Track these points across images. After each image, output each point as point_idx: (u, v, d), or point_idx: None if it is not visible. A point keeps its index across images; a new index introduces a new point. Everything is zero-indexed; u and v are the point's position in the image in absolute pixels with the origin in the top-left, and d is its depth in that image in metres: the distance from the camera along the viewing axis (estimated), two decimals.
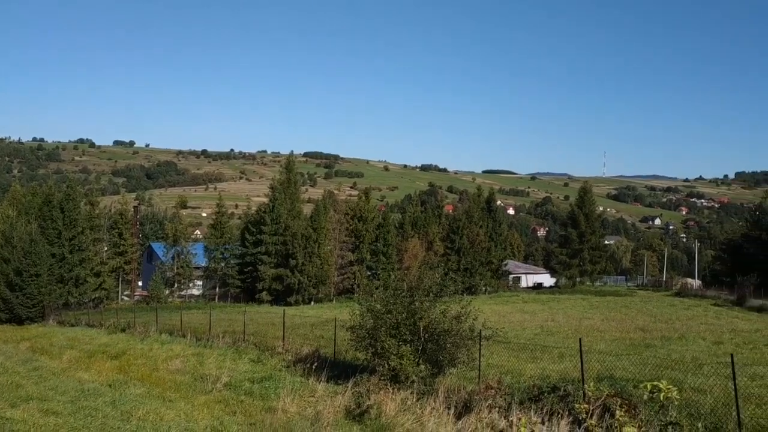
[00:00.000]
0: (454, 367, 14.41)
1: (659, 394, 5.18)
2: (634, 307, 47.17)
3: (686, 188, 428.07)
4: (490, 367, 17.14)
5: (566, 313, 42.38)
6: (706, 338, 27.02)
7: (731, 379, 10.32)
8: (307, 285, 61.33)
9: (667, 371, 16.55)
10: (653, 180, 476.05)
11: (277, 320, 26.97)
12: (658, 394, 5.19)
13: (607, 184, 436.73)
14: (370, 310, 14.70)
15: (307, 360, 18.38)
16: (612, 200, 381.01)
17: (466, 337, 14.18)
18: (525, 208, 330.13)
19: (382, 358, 13.89)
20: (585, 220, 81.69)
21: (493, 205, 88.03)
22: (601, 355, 18.68)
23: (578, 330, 29.68)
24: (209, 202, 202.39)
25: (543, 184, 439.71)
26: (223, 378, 16.56)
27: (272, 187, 69.94)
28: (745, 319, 38.33)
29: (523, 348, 21.22)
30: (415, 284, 15.13)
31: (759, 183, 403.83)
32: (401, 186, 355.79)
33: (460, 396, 11.65)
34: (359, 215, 69.46)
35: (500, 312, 42.22)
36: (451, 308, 14.56)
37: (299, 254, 60.83)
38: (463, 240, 74.06)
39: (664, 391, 4.99)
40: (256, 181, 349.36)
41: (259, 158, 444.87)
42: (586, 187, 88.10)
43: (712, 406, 12.11)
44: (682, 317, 38.91)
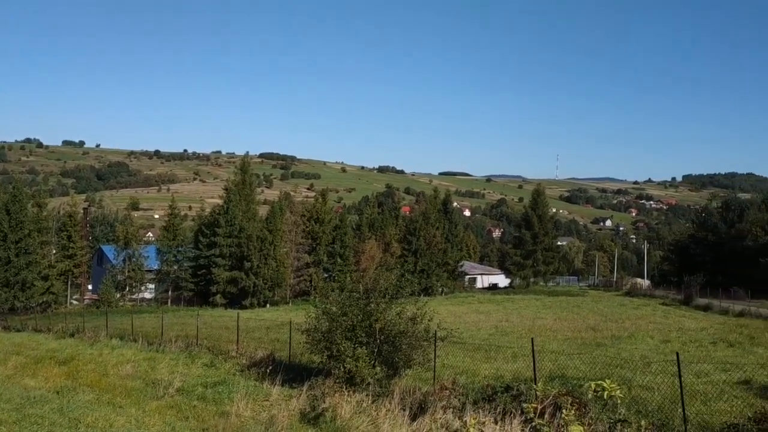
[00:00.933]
0: (409, 369, 14.46)
1: (603, 392, 5.29)
2: (585, 307, 48.15)
3: (636, 190, 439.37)
4: (445, 367, 17.28)
5: (520, 313, 43.02)
6: (654, 337, 27.75)
7: (677, 376, 10.61)
8: (262, 288, 60.73)
9: (616, 370, 16.97)
10: (604, 182, 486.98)
11: (232, 324, 26.64)
12: (603, 393, 5.30)
13: (560, 186, 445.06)
14: (325, 312, 14.64)
15: (261, 364, 18.19)
16: (565, 202, 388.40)
17: (421, 338, 14.24)
18: (481, 209, 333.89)
19: (338, 360, 13.84)
20: (538, 222, 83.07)
21: (450, 207, 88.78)
22: (554, 354, 19.01)
23: (532, 330, 30.16)
24: (162, 204, 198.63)
25: (498, 186, 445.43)
26: (176, 383, 16.26)
27: (227, 188, 69.06)
28: (692, 318, 39.50)
29: (478, 348, 21.45)
30: (371, 286, 15.12)
31: (705, 185, 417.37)
32: (358, 187, 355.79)
33: (415, 397, 11.70)
34: (316, 217, 69.17)
35: (456, 313, 42.59)
36: (406, 309, 14.60)
37: (254, 256, 60.22)
38: (420, 241, 74.48)
39: (608, 390, 5.10)
40: (211, 182, 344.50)
41: (214, 159, 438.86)
42: (540, 189, 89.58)
43: (660, 403, 12.44)
44: (631, 316, 39.88)
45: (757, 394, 14.61)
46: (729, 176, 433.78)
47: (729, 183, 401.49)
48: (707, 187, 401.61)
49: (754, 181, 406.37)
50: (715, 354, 22.16)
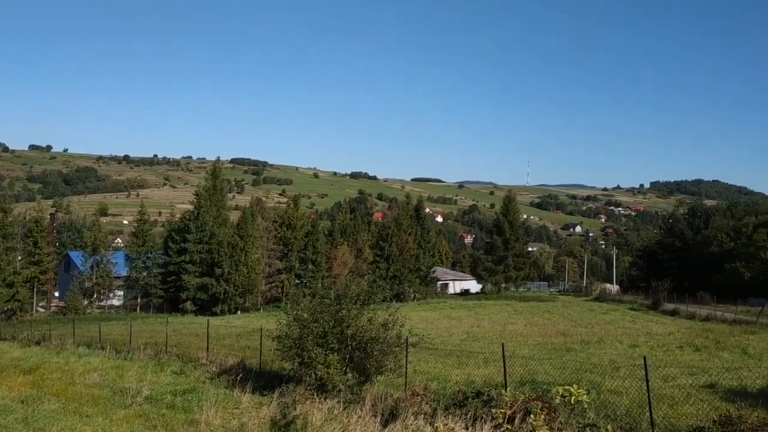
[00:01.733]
0: (381, 375, 14.42)
1: (570, 397, 5.36)
2: (556, 312, 48.66)
3: (605, 197, 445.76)
4: (417, 373, 17.30)
5: (492, 318, 43.30)
6: (623, 342, 28.13)
7: (645, 381, 10.76)
8: (233, 294, 60.17)
9: (586, 374, 17.14)
10: (574, 189, 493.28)
11: (202, 331, 26.32)
12: (570, 398, 5.37)
13: (531, 192, 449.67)
14: (296, 319, 14.55)
15: (232, 371, 18.01)
16: (535, 208, 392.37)
17: (393, 345, 14.22)
18: (453, 215, 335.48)
19: (309, 367, 13.75)
20: (510, 228, 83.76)
21: (422, 213, 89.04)
22: (524, 359, 19.17)
23: (503, 335, 30.36)
24: (131, 210, 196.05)
25: (470, 192, 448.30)
26: (144, 391, 16.01)
27: (197, 194, 68.28)
28: (660, 323, 40.14)
29: (450, 354, 21.53)
30: (343, 292, 15.07)
31: (672, 192, 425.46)
32: (331, 193, 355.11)
33: (387, 403, 11.68)
34: (288, 223, 68.78)
35: (428, 318, 42.71)
36: (378, 316, 14.57)
37: (225, 263, 59.65)
38: (392, 247, 74.54)
39: (575, 395, 5.18)
40: (181, 187, 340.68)
41: (184, 164, 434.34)
42: (511, 195, 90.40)
43: (628, 407, 12.59)
44: (600, 321, 40.41)
45: (722, 397, 14.87)
46: (695, 183, 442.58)
47: (695, 190, 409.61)
48: (674, 194, 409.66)
49: (720, 188, 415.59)
50: (681, 358, 22.55)
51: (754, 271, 67.08)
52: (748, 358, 22.59)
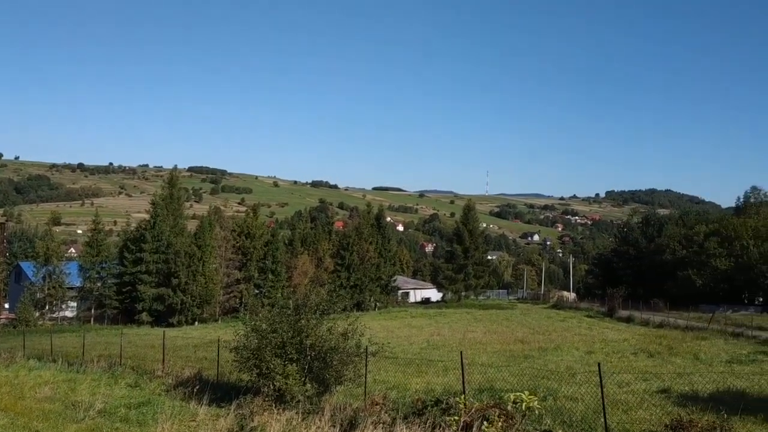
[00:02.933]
0: (340, 385, 14.36)
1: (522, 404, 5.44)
2: (514, 320, 49.22)
3: (562, 206, 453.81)
4: (377, 383, 17.27)
5: (452, 326, 43.54)
6: (579, 348, 28.58)
7: (600, 387, 10.94)
8: (190, 305, 59.22)
9: (543, 381, 17.37)
10: (532, 198, 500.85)
11: (158, 342, 25.86)
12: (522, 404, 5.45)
13: (491, 201, 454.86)
14: (255, 329, 14.40)
15: (188, 383, 17.72)
16: (495, 217, 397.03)
17: (353, 354, 14.18)
18: (413, 224, 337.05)
19: (268, 378, 13.61)
20: (469, 237, 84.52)
21: (383, 222, 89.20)
22: (483, 367, 19.33)
23: (463, 343, 30.56)
24: (85, 219, 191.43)
25: (430, 201, 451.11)
26: (97, 405, 15.61)
27: (154, 202, 67.11)
28: (615, 330, 40.92)
29: (410, 363, 21.58)
30: (302, 302, 14.98)
31: (627, 201, 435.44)
32: (291, 202, 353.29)
33: (346, 413, 11.63)
34: (247, 232, 68.08)
35: (389, 327, 42.72)
36: (338, 325, 14.52)
37: (182, 273, 58.72)
38: (353, 256, 74.43)
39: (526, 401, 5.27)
40: (137, 196, 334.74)
41: (141, 172, 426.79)
42: (470, 204, 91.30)
43: (584, 413, 12.79)
44: (558, 328, 41.00)
45: (675, 402, 15.21)
46: (649, 193, 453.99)
47: (649, 199, 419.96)
48: (629, 203, 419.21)
49: (673, 198, 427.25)
50: (636, 364, 23.01)
51: (705, 278, 69.00)
52: (700, 364, 23.19)
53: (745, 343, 30.53)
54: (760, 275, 63.81)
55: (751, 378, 17.89)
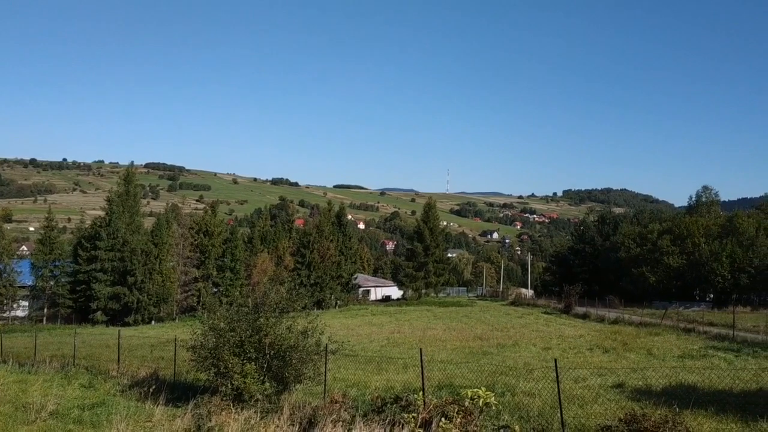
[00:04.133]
0: (300, 383, 14.26)
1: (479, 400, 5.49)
2: (473, 317, 49.63)
3: (521, 204, 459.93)
4: (336, 381, 17.22)
5: (412, 324, 43.68)
6: (536, 344, 28.96)
7: (556, 382, 11.10)
8: (147, 303, 58.17)
9: (501, 377, 17.56)
10: (492, 197, 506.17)
11: (113, 342, 25.31)
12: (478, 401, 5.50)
13: (451, 200, 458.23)
14: (212, 328, 14.19)
15: (144, 383, 17.39)
16: (455, 215, 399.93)
17: (312, 352, 14.08)
18: (375, 222, 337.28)
19: (226, 377, 13.43)
20: (430, 235, 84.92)
21: (344, 220, 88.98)
22: (443, 364, 19.45)
23: (423, 340, 30.69)
24: (38, 216, 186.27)
25: (391, 199, 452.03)
26: (49, 406, 15.19)
27: (109, 199, 65.66)
28: (571, 326, 41.59)
29: (370, 360, 21.57)
30: (261, 300, 14.82)
31: (583, 200, 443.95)
32: (251, 200, 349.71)
33: (305, 412, 11.55)
34: (205, 230, 67.16)
35: (349, 325, 42.66)
36: (298, 323, 14.41)
37: (138, 271, 57.63)
38: (314, 254, 74.06)
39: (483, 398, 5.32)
40: (92, 193, 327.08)
41: (96, 169, 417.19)
42: (431, 202, 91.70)
43: (541, 408, 12.97)
44: (516, 325, 41.49)
45: (629, 396, 15.54)
46: (605, 192, 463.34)
47: (605, 198, 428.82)
48: (585, 201, 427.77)
49: (628, 197, 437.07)
50: (591, 360, 23.42)
51: (658, 275, 70.68)
52: (653, 359, 23.73)
53: (696, 339, 31.35)
54: (711, 272, 65.67)
55: (701, 372, 18.37)
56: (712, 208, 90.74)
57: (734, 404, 13.58)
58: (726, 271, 65.02)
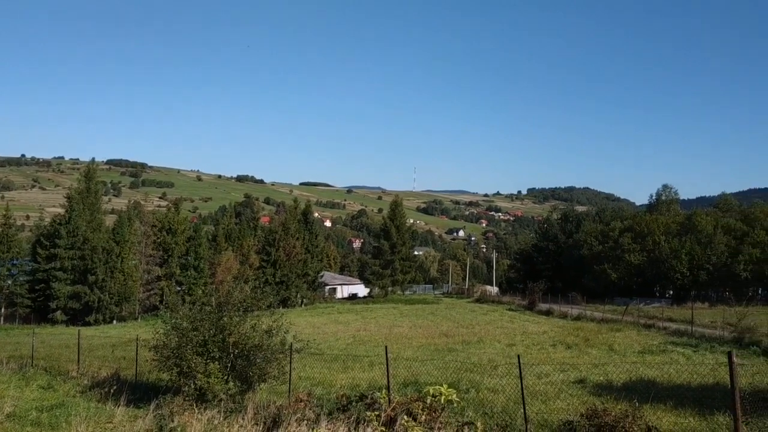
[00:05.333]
0: (264, 383, 14.16)
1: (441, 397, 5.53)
2: (439, 314, 49.89)
3: (486, 202, 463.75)
4: (302, 379, 17.15)
5: (378, 321, 43.71)
6: (501, 341, 29.24)
7: (519, 378, 11.22)
8: (108, 303, 57.13)
9: (466, 374, 17.68)
10: (458, 195, 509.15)
11: (73, 342, 24.79)
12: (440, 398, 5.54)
13: (417, 198, 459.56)
14: (175, 327, 14.01)
15: (105, 384, 17.08)
16: (421, 213, 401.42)
17: (277, 351, 14.00)
18: (341, 220, 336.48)
19: (189, 377, 13.27)
20: (396, 232, 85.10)
21: (310, 218, 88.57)
22: (408, 361, 19.51)
23: (389, 338, 30.73)
24: None
25: (358, 197, 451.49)
26: (6, 408, 14.80)
27: (69, 196, 64.27)
28: (535, 322, 42.08)
29: (336, 359, 21.52)
30: (225, 299, 14.67)
31: (547, 198, 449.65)
32: (215, 197, 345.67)
33: (270, 411, 11.46)
34: (168, 227, 66.19)
35: (315, 324, 42.51)
36: (262, 322, 14.31)
37: (99, 270, 56.55)
38: (280, 252, 73.59)
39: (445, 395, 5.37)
40: (52, 190, 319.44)
41: (56, 165, 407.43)
42: (398, 200, 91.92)
43: (504, 404, 13.10)
44: (481, 322, 41.83)
45: (590, 392, 15.78)
46: (568, 190, 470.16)
47: (568, 196, 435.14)
48: (549, 200, 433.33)
49: (590, 195, 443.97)
50: (554, 356, 23.74)
51: (619, 272, 72.01)
52: (614, 355, 24.14)
53: (656, 334, 32.00)
54: (671, 269, 67.16)
55: (661, 367, 18.76)
56: (672, 206, 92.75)
57: (692, 398, 13.92)
58: (685, 268, 66.57)
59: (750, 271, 62.99)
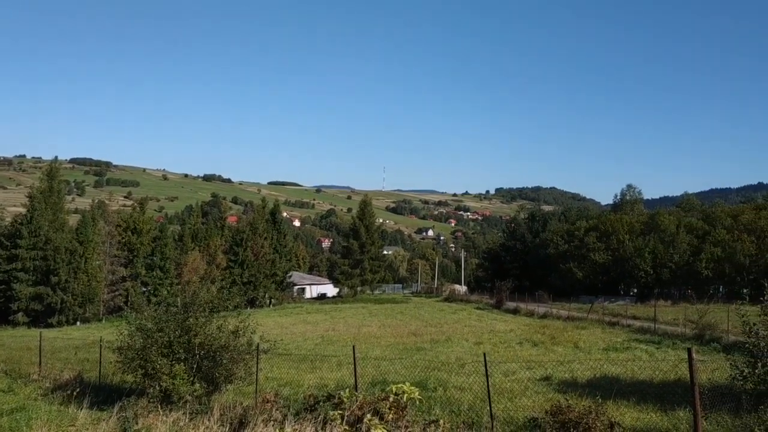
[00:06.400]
0: (231, 384, 14.06)
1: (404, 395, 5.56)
2: (408, 313, 50.04)
3: (455, 202, 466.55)
4: (269, 380, 17.06)
5: (347, 321, 43.67)
6: (469, 339, 29.47)
7: (485, 376, 11.33)
8: (71, 304, 56.04)
9: (434, 372, 17.78)
10: (427, 194, 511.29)
11: (34, 344, 24.30)
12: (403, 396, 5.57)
13: (387, 197, 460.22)
14: (140, 328, 13.83)
15: (68, 386, 16.77)
16: (391, 213, 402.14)
17: (244, 352, 13.92)
18: (311, 219, 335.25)
19: (154, 379, 13.11)
20: (366, 232, 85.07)
21: (279, 217, 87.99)
22: (377, 360, 19.54)
23: (357, 337, 30.74)
24: None
25: (327, 196, 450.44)
26: None
27: (31, 195, 62.80)
28: (502, 321, 42.48)
29: (304, 359, 21.46)
30: (191, 299, 14.53)
31: (515, 198, 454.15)
32: (182, 196, 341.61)
33: (236, 412, 11.38)
34: (133, 227, 65.19)
35: (283, 324, 42.29)
36: (229, 323, 14.20)
37: (62, 270, 55.44)
38: (247, 252, 73.00)
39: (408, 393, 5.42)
40: (13, 189, 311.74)
41: (17, 164, 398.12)
42: (367, 200, 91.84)
43: (471, 402, 13.22)
44: (449, 321, 42.08)
45: (555, 389, 16.01)
46: (535, 190, 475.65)
47: (535, 196, 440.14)
48: (516, 199, 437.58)
49: (557, 195, 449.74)
50: (521, 353, 24.00)
51: (585, 271, 73.05)
52: (579, 352, 24.52)
53: (620, 332, 32.55)
54: (635, 268, 68.36)
55: (624, 364, 19.10)
56: (636, 206, 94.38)
57: (654, 394, 14.20)
58: (648, 266, 67.82)
59: (711, 269, 64.41)
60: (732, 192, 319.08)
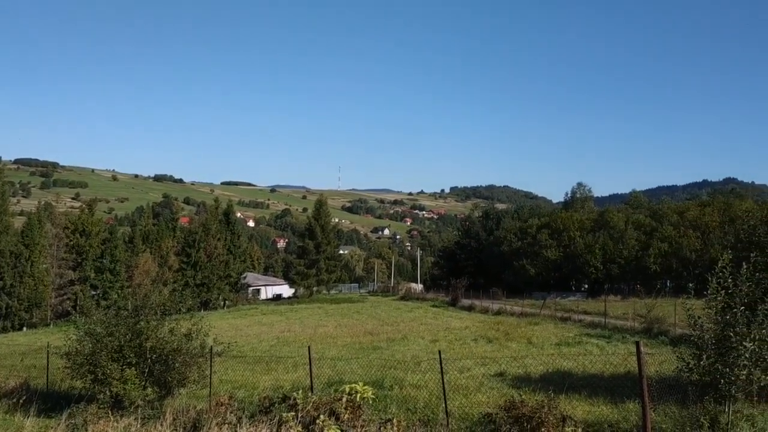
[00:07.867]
0: (184, 387, 13.84)
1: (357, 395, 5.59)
2: (364, 313, 50.06)
3: (410, 201, 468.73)
4: (223, 383, 16.85)
5: (303, 322, 43.44)
6: (425, 337, 29.65)
7: (440, 373, 11.42)
8: (17, 309, 54.27)
9: (390, 371, 17.83)
10: (383, 193, 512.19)
11: None
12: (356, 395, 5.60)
13: (342, 197, 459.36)
14: (89, 333, 13.50)
15: (13, 394, 16.25)
16: (346, 212, 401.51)
17: (197, 355, 13.73)
18: (265, 220, 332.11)
19: (104, 384, 12.81)
20: (321, 232, 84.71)
21: (232, 217, 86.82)
22: (333, 360, 19.50)
23: (313, 338, 30.60)
24: None
25: (282, 196, 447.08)
26: None
27: None
28: (458, 318, 42.87)
29: (259, 360, 21.27)
30: (142, 302, 14.26)
31: (469, 197, 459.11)
32: (132, 197, 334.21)
33: (189, 416, 11.22)
34: (82, 229, 63.45)
35: (238, 326, 41.80)
36: (181, 326, 13.98)
37: (7, 274, 53.66)
38: (200, 254, 71.90)
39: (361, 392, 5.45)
40: None
41: None
42: (322, 199, 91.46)
43: (427, 399, 13.31)
44: (405, 319, 42.26)
45: (509, 384, 16.25)
46: (489, 188, 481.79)
47: (489, 194, 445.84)
48: (471, 198, 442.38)
49: (510, 194, 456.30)
50: (476, 350, 24.28)
51: (537, 267, 74.36)
52: (533, 347, 24.94)
53: (572, 327, 33.23)
54: (585, 264, 69.91)
55: (576, 359, 19.51)
56: (586, 203, 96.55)
57: (605, 387, 14.55)
58: (599, 262, 69.44)
59: (659, 264, 66.31)
60: (678, 189, 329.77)
